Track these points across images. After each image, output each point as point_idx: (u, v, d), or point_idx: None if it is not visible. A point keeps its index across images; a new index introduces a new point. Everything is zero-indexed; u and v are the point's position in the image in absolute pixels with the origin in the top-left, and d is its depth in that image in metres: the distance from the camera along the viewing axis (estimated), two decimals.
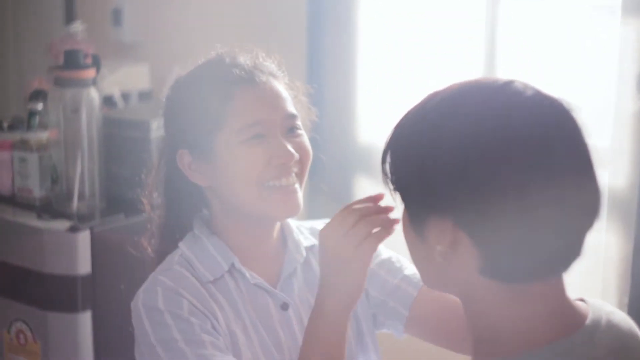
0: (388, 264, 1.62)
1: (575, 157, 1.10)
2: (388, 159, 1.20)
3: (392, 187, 1.20)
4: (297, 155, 1.51)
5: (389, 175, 1.19)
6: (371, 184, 2.95)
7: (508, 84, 1.12)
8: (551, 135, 1.08)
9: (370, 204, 1.38)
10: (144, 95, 3.03)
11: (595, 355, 1.11)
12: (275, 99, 1.53)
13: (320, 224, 1.70)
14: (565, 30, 2.46)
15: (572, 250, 1.12)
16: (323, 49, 2.88)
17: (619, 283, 2.36)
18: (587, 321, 1.14)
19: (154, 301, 1.47)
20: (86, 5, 3.42)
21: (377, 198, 1.38)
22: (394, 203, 1.24)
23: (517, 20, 2.54)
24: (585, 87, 2.40)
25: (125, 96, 2.97)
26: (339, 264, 1.36)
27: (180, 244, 1.57)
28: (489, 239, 1.08)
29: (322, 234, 1.38)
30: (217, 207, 1.57)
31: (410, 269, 1.62)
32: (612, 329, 1.15)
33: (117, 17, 3.27)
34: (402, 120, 1.18)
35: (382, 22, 2.82)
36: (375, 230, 1.36)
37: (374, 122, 2.89)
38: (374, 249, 1.36)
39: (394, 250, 1.64)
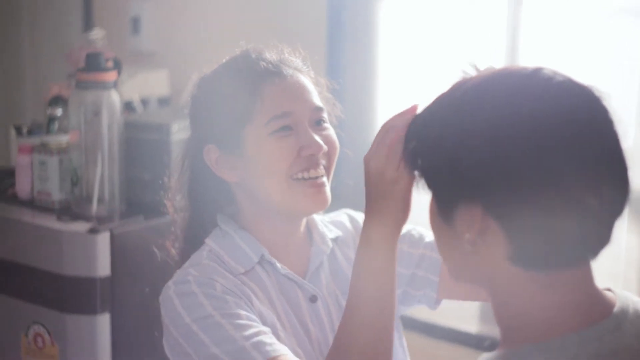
0: (408, 237, 1.63)
1: (606, 143, 1.09)
2: (414, 146, 1.20)
3: (418, 174, 1.20)
4: (325, 147, 1.52)
5: (416, 162, 1.19)
6: None
7: (538, 71, 1.12)
8: (582, 121, 1.08)
9: (406, 117, 1.30)
10: (163, 101, 3.04)
11: (623, 342, 1.11)
12: (302, 91, 1.54)
13: (340, 214, 1.70)
14: (587, 32, 2.46)
15: (601, 237, 1.11)
16: (343, 49, 2.89)
17: None
18: (615, 309, 1.13)
19: (187, 287, 1.47)
20: (104, 13, 3.43)
21: (412, 110, 1.31)
22: (419, 193, 1.23)
23: (539, 22, 2.54)
24: (608, 89, 2.40)
25: (145, 102, 2.98)
26: (383, 186, 1.31)
27: (207, 240, 1.56)
28: (519, 226, 1.08)
29: (366, 158, 1.34)
30: (245, 202, 1.56)
31: (431, 236, 1.62)
32: (639, 318, 1.15)
33: (135, 25, 3.29)
34: (430, 106, 1.19)
35: (402, 22, 2.83)
36: None
37: None
38: None
39: None
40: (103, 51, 2.55)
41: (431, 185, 1.17)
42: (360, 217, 1.70)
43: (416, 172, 1.21)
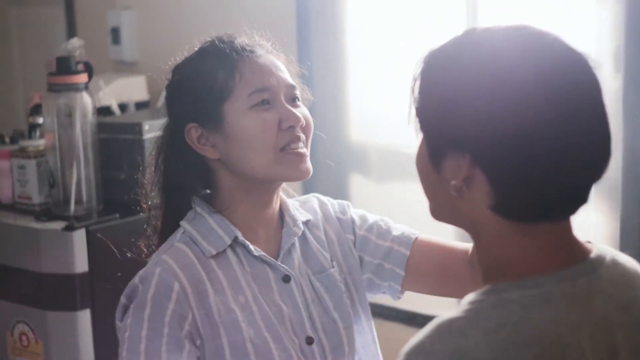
0: (377, 227, 1.67)
1: (592, 108, 1.13)
2: (417, 85, 1.21)
3: (415, 112, 1.21)
4: (303, 121, 1.56)
5: (415, 101, 1.21)
6: (365, 182, 3.00)
7: (542, 34, 1.15)
8: (572, 82, 1.11)
9: None
10: (141, 106, 3.09)
11: (597, 285, 1.14)
12: (277, 69, 1.58)
13: (309, 198, 1.72)
14: (542, 13, 2.51)
15: (579, 196, 1.15)
16: (313, 50, 2.95)
17: None
18: (591, 255, 1.17)
19: (142, 301, 1.52)
20: (86, 24, 3.51)
21: None
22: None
23: (496, 13, 2.60)
24: None
25: (123, 107, 3.03)
26: None
27: (182, 222, 1.59)
28: (504, 180, 1.12)
29: None
30: (225, 180, 1.59)
31: (398, 229, 1.67)
32: (617, 266, 1.19)
33: (115, 35, 3.36)
34: (436, 51, 1.20)
35: (369, 22, 2.89)
36: None
37: (366, 121, 2.94)
38: None
39: (421, 230, 1.68)
40: (75, 56, 2.61)
41: (424, 128, 1.20)
42: (328, 201, 1.74)
43: (414, 111, 1.21)
